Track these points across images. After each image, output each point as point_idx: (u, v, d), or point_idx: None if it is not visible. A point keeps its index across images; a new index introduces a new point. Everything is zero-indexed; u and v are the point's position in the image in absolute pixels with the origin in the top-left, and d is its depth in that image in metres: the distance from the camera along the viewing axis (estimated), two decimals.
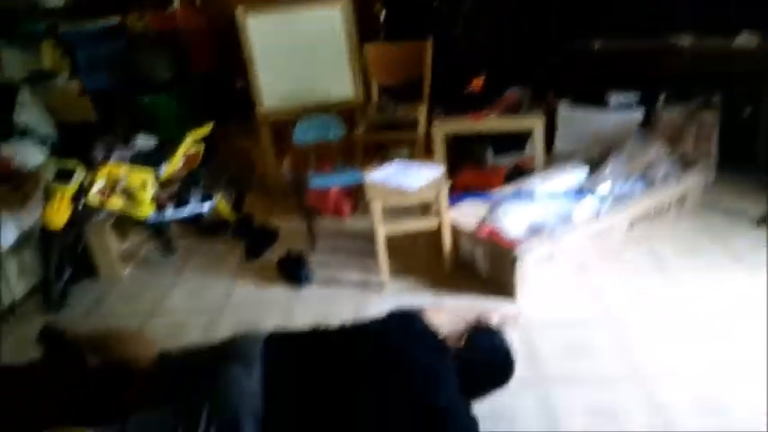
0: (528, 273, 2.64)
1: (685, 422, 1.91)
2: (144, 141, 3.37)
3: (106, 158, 2.99)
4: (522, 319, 2.48)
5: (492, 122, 3.60)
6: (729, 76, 3.52)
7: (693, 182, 3.19)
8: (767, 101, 3.38)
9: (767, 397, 1.97)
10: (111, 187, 2.97)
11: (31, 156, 3.20)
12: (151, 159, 3.18)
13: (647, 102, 3.81)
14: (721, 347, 2.24)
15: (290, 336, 2.08)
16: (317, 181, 3.34)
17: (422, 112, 3.60)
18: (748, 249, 2.85)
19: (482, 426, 1.85)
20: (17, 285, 2.99)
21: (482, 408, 1.94)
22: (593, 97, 3.98)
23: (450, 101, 3.74)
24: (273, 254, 3.26)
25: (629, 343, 2.31)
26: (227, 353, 1.98)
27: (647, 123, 3.72)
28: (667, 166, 3.23)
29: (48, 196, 2.82)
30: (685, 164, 3.31)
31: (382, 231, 2.75)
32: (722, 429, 1.88)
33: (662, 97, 3.67)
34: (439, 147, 3.61)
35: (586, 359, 2.24)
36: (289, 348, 2.00)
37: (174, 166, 3.27)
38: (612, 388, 2.09)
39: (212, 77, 4.35)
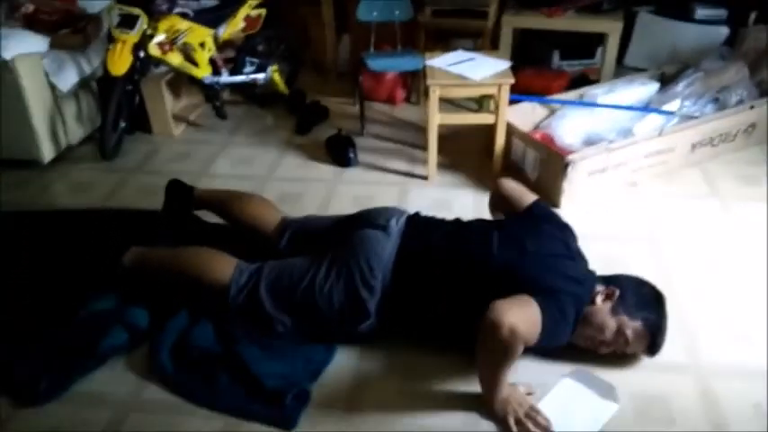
0: (577, 182, 2.59)
1: (708, 347, 1.93)
2: None
3: (169, 11, 2.94)
4: None
5: (567, 21, 3.41)
6: None
7: (766, 111, 3.01)
8: None
9: None
10: (171, 41, 2.94)
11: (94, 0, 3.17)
12: (212, 18, 3.12)
13: (736, 19, 3.53)
14: (763, 281, 2.20)
15: (433, 220, 2.08)
16: (376, 62, 3.24)
17: (494, 1, 3.40)
18: None
19: None
20: (73, 130, 3.07)
21: None
22: (679, 7, 3.71)
23: None
24: (323, 132, 3.25)
25: (666, 263, 2.30)
26: (365, 220, 2.02)
27: (732, 42, 3.47)
28: (744, 90, 3.04)
29: (110, 42, 2.82)
30: (763, 91, 3.11)
31: (437, 119, 2.70)
32: (745, 359, 1.89)
33: (753, 16, 3.39)
34: (506, 41, 3.45)
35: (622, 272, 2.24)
36: (428, 229, 2.01)
37: (233, 28, 3.21)
38: None
39: None
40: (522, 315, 1.56)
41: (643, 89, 3.16)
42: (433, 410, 1.74)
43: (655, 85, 3.20)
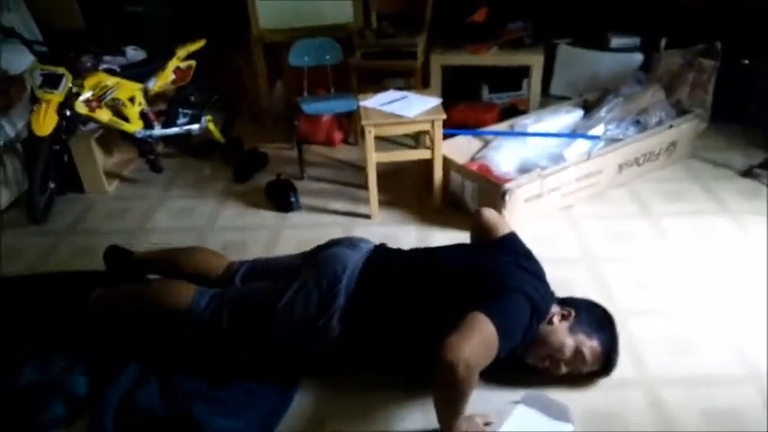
0: (516, 209, 2.66)
1: (654, 360, 1.98)
2: (134, 53, 3.26)
3: (94, 67, 2.90)
4: None
5: (491, 57, 3.55)
6: (734, 23, 3.46)
7: (685, 129, 3.19)
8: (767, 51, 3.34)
9: (738, 340, 2.06)
10: (99, 98, 2.89)
11: (16, 60, 3.07)
12: (140, 72, 3.09)
13: (649, 46, 3.77)
14: (698, 290, 2.30)
15: (399, 250, 2.14)
16: (310, 106, 3.28)
17: (421, 42, 3.51)
18: (731, 198, 2.90)
19: None
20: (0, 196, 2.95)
21: None
22: (595, 38, 3.93)
23: (451, 31, 3.66)
24: (262, 179, 3.24)
25: (607, 281, 2.37)
26: (332, 243, 2.09)
27: (646, 67, 3.68)
28: (662, 111, 3.22)
29: (34, 103, 2.74)
30: (679, 111, 3.30)
31: (374, 158, 2.73)
32: (691, 369, 1.95)
33: (663, 41, 3.62)
34: (436, 78, 3.56)
35: (565, 293, 2.29)
36: (396, 251, 2.11)
37: (163, 80, 3.19)
38: None
39: None
40: (476, 343, 1.56)
41: (568, 116, 3.31)
42: None
43: (579, 112, 3.35)
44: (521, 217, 2.68)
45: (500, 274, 1.82)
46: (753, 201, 2.87)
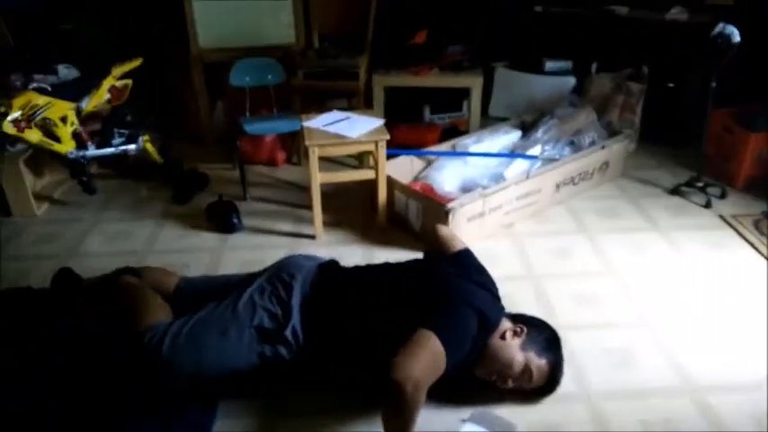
0: (459, 228, 2.70)
1: (595, 373, 2.04)
2: (66, 71, 3.14)
3: (24, 86, 2.78)
4: None
5: (432, 78, 3.62)
6: (659, 49, 3.67)
7: (616, 149, 3.34)
8: (690, 75, 3.55)
9: (673, 352, 2.15)
10: (29, 118, 2.77)
11: None
12: (73, 91, 2.98)
13: (581, 69, 3.94)
14: (632, 302, 2.40)
15: (349, 267, 2.16)
16: (253, 127, 3.24)
17: (363, 62, 3.55)
18: (660, 215, 3.05)
19: None
20: None
21: None
22: (530, 62, 4.08)
23: (392, 53, 3.72)
24: (203, 200, 3.17)
25: (548, 296, 2.44)
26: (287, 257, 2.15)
27: (579, 90, 3.85)
28: (594, 132, 3.37)
29: None
30: (610, 132, 3.46)
31: (318, 179, 2.72)
32: (630, 382, 2.02)
33: (594, 65, 3.80)
34: (379, 99, 3.59)
35: (509, 309, 2.34)
36: (346, 267, 2.13)
37: (98, 99, 3.08)
38: None
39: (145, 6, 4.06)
40: (424, 360, 1.58)
41: (507, 137, 3.41)
42: None
43: (517, 133, 3.46)
44: (464, 235, 2.71)
45: (451, 288, 1.85)
46: (679, 217, 3.03)
